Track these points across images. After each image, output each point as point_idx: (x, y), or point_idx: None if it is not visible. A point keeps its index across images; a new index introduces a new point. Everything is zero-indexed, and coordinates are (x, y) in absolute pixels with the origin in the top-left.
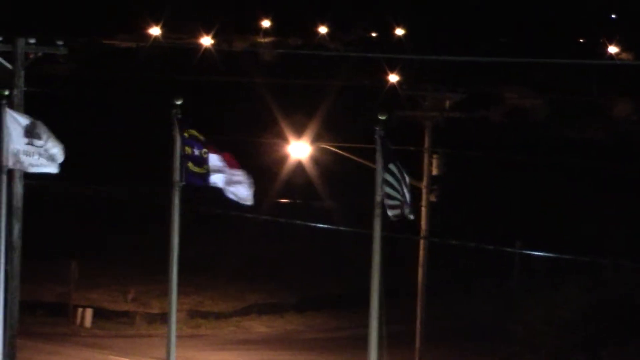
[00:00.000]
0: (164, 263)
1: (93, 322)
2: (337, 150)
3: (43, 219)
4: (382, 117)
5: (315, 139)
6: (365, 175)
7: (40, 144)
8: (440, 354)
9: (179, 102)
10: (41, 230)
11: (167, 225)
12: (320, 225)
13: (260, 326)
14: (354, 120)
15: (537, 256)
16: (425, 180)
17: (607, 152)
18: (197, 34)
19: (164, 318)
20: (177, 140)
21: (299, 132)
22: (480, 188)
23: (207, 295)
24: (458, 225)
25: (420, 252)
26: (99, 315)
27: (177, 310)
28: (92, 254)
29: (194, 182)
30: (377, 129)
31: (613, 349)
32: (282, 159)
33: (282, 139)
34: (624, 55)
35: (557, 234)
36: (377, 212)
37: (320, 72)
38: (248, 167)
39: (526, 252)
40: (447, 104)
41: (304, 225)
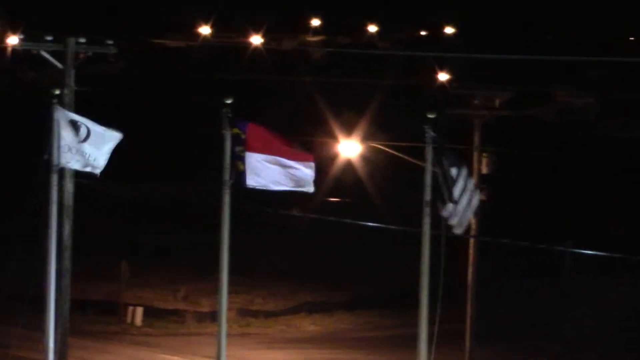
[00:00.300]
0: (214, 262)
1: (143, 321)
2: (387, 149)
3: (94, 217)
4: (431, 116)
5: (365, 138)
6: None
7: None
8: (491, 353)
9: (229, 101)
10: (92, 229)
11: (218, 224)
12: (369, 224)
13: (310, 325)
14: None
15: (587, 255)
16: (475, 179)
17: None
18: (246, 33)
19: (214, 316)
20: (227, 139)
21: (348, 130)
22: (530, 187)
23: (257, 293)
24: (508, 224)
25: (471, 250)
26: (149, 313)
27: (227, 308)
28: (143, 252)
29: (239, 180)
30: (427, 128)
31: None
32: (332, 157)
33: (332, 137)
34: None
35: (608, 233)
36: (426, 211)
37: (370, 71)
38: None
39: (577, 251)
40: (497, 102)
41: (354, 224)
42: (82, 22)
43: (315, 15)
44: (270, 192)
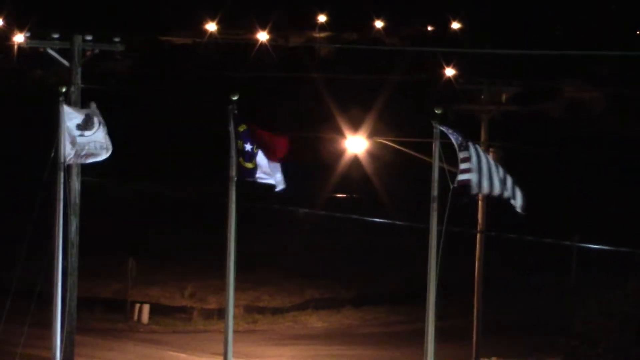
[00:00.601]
0: (220, 259)
1: (150, 318)
2: (393, 145)
3: (101, 215)
4: (438, 111)
5: (372, 133)
6: (423, 169)
7: (90, 133)
8: (498, 348)
9: (235, 98)
10: (99, 226)
11: (224, 221)
12: (376, 219)
13: (317, 321)
14: (411, 115)
15: (595, 249)
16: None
17: None
18: (253, 30)
19: (221, 313)
20: (233, 136)
21: (355, 126)
22: (537, 182)
23: (264, 290)
24: (515, 218)
25: (477, 245)
26: (156, 311)
27: (234, 305)
28: (149, 250)
29: (244, 177)
30: (434, 123)
31: None
32: (339, 153)
33: (339, 133)
34: None
35: (615, 228)
36: (434, 206)
37: (377, 67)
38: (304, 162)
39: (584, 245)
40: (504, 97)
41: (361, 220)
42: (88, 19)
43: (321, 12)
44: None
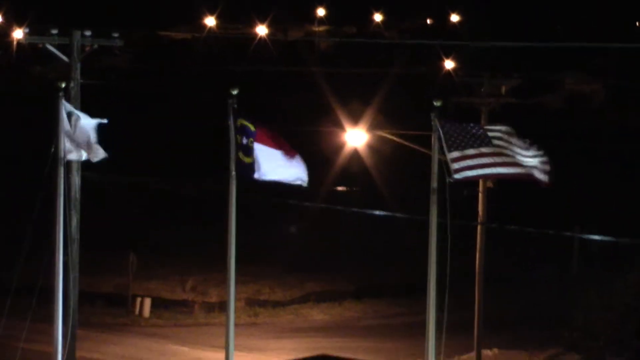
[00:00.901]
0: (221, 252)
1: (151, 312)
2: (393, 138)
3: (101, 210)
4: (437, 104)
5: (372, 127)
6: (423, 162)
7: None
8: (500, 341)
9: (235, 92)
10: (100, 221)
11: (224, 215)
12: (377, 212)
13: (318, 314)
14: (410, 107)
15: (596, 241)
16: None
17: None
18: (252, 24)
19: (222, 307)
20: (232, 130)
21: (355, 120)
22: None
23: (265, 283)
24: (517, 211)
25: (478, 238)
26: (158, 304)
27: (236, 299)
28: (150, 244)
29: (243, 173)
30: (433, 116)
31: None
32: (339, 147)
33: (339, 127)
34: None
35: (616, 219)
36: (433, 198)
37: (376, 60)
38: (304, 155)
39: (585, 236)
40: (503, 90)
41: (361, 213)
42: (87, 14)
43: (320, 5)
44: (278, 183)
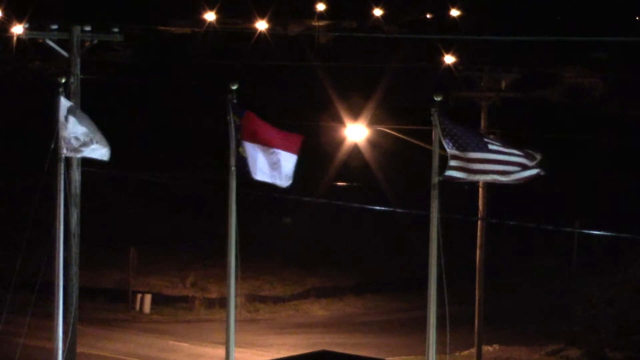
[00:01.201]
0: (222, 248)
1: (152, 308)
2: (393, 132)
3: (101, 205)
4: (437, 98)
5: (372, 122)
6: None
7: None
8: (501, 335)
9: (234, 87)
10: (100, 217)
11: (224, 210)
12: (377, 207)
13: (319, 309)
14: (410, 102)
15: (596, 236)
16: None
17: None
18: (252, 19)
19: (222, 303)
20: (232, 125)
21: (355, 115)
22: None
23: (265, 279)
24: (517, 205)
25: (478, 233)
26: (158, 300)
27: (236, 294)
28: (151, 240)
29: (243, 167)
30: (433, 110)
31: None
32: (339, 142)
33: (339, 122)
34: None
35: (616, 214)
36: (434, 193)
37: (376, 55)
38: (304, 150)
39: (585, 231)
40: (503, 84)
41: (362, 208)
42: (86, 8)
43: (320, 0)
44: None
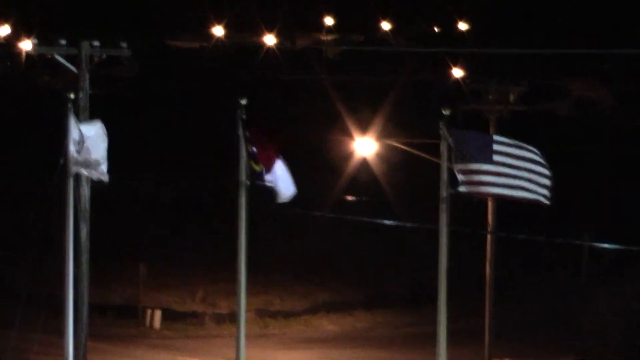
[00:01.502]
0: (231, 262)
1: (162, 323)
2: (402, 147)
3: (110, 220)
4: (445, 112)
5: (381, 135)
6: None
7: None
8: (511, 349)
9: (243, 102)
10: (109, 232)
11: (234, 224)
12: (386, 221)
13: (329, 324)
14: (419, 115)
15: (605, 248)
16: None
17: None
18: (260, 33)
19: (232, 318)
20: (242, 140)
21: (364, 128)
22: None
23: (275, 294)
24: (526, 218)
25: (488, 246)
26: (168, 316)
27: (246, 310)
28: (160, 255)
29: (255, 180)
30: (441, 124)
31: None
32: (348, 155)
33: (347, 135)
34: None
35: (626, 226)
36: (443, 207)
37: (384, 68)
38: (313, 164)
39: (595, 244)
40: (511, 97)
41: (371, 222)
42: (93, 23)
43: (328, 14)
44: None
